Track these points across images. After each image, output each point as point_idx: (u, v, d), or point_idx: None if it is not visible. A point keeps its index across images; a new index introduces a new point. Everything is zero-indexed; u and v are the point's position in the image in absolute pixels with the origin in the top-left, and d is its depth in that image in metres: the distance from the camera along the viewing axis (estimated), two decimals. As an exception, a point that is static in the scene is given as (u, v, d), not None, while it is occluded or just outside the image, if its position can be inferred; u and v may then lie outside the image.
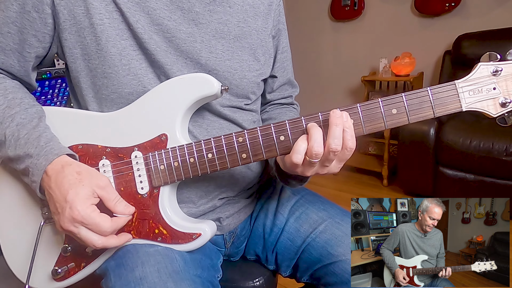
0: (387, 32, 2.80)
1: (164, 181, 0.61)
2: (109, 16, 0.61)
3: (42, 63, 0.69)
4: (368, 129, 0.56)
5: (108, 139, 0.64)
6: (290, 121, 0.57)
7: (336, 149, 0.53)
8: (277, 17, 0.78)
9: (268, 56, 0.75)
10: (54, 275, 0.63)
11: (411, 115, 0.55)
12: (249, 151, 0.58)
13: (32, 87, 0.71)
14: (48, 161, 0.57)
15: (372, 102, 0.55)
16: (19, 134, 0.60)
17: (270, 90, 0.83)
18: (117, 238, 0.58)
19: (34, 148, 0.58)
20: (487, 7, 2.35)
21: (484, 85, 0.54)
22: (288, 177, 0.67)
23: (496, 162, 1.85)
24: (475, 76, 0.55)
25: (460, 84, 0.55)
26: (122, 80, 0.62)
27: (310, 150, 0.54)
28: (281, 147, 0.58)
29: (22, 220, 0.66)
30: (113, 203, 0.58)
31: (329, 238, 0.69)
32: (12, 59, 0.64)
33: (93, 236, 0.55)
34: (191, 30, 0.64)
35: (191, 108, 0.63)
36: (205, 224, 0.63)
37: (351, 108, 0.55)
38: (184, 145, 0.60)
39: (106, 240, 0.56)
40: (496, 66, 0.54)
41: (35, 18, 0.61)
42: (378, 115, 0.55)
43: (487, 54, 0.55)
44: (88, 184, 0.56)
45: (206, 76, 0.62)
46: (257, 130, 0.58)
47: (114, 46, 0.61)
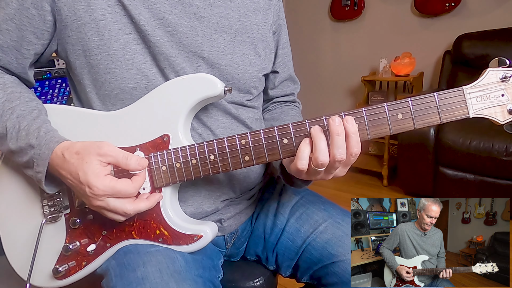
0: (387, 32, 2.80)
1: (166, 182, 0.61)
2: (111, 10, 0.60)
3: (39, 61, 0.69)
4: (373, 134, 0.55)
5: (110, 139, 0.63)
6: (294, 124, 0.56)
7: (342, 159, 0.53)
8: (277, 13, 0.78)
9: (269, 51, 0.75)
10: (55, 273, 0.63)
11: (417, 121, 0.54)
12: (251, 154, 0.58)
13: (30, 83, 0.71)
14: (50, 150, 0.57)
15: (378, 107, 0.54)
16: (19, 126, 0.60)
17: (272, 86, 0.83)
18: (147, 201, 0.59)
19: (35, 138, 0.59)
20: (487, 7, 2.35)
21: (493, 91, 0.53)
22: (293, 178, 0.67)
23: (496, 162, 1.85)
24: (483, 82, 0.53)
25: (468, 90, 0.53)
26: (126, 75, 0.62)
27: (316, 160, 0.53)
28: (284, 151, 0.57)
29: (24, 218, 0.66)
30: (124, 162, 0.57)
31: (329, 238, 0.69)
32: (10, 56, 0.64)
33: (122, 203, 0.56)
34: (192, 23, 0.64)
35: (194, 109, 0.63)
36: (206, 225, 0.63)
37: (356, 113, 0.55)
38: (187, 146, 0.60)
39: (136, 205, 0.57)
40: (505, 72, 0.52)
41: (34, 15, 0.61)
42: (383, 120, 0.55)
43: (496, 59, 0.53)
44: (90, 159, 0.56)
45: (210, 77, 0.61)
46: (260, 133, 0.57)
47: (117, 41, 0.61)
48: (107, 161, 0.57)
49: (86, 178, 0.54)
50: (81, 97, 0.70)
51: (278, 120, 0.80)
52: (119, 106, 0.64)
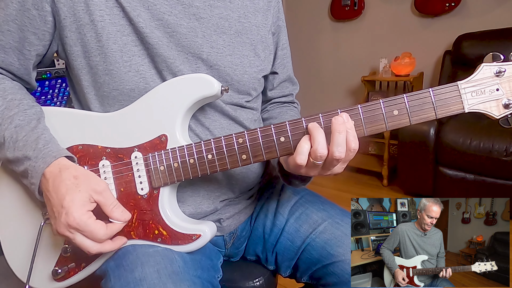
0: (387, 32, 2.80)
1: (164, 182, 0.61)
2: (110, 12, 0.60)
3: (42, 62, 0.69)
4: (369, 130, 0.55)
5: (108, 140, 0.63)
6: (291, 122, 0.57)
7: (340, 157, 0.53)
8: (276, 14, 0.78)
9: (268, 52, 0.75)
10: (54, 275, 0.63)
11: (413, 116, 0.54)
12: (249, 152, 0.58)
13: (31, 86, 0.71)
14: (46, 163, 0.57)
15: (373, 103, 0.55)
16: (17, 136, 0.60)
17: (271, 87, 0.83)
18: (112, 243, 0.58)
19: (32, 150, 0.58)
20: (487, 7, 2.35)
21: (487, 86, 0.53)
22: (291, 177, 0.67)
23: (496, 162, 1.85)
24: (478, 77, 0.54)
25: (463, 85, 0.54)
26: (124, 76, 0.62)
27: (314, 152, 0.53)
28: (281, 148, 0.57)
29: (23, 220, 0.66)
30: (110, 208, 0.57)
31: (329, 238, 0.69)
32: (12, 57, 0.64)
33: (88, 242, 0.55)
34: (192, 24, 0.64)
35: (191, 109, 0.63)
36: (205, 225, 0.63)
37: (352, 109, 0.55)
38: (184, 146, 0.60)
39: (101, 246, 0.56)
40: (499, 67, 0.53)
41: (34, 16, 0.61)
42: (379, 116, 0.55)
43: (491, 54, 0.53)
44: (85, 189, 0.56)
45: (206, 77, 0.61)
46: (257, 131, 0.58)
47: (115, 43, 0.61)
48: (97, 199, 0.57)
49: (69, 205, 0.54)
50: (80, 98, 0.70)
51: (277, 119, 0.80)
52: (117, 107, 0.64)
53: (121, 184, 0.62)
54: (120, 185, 0.62)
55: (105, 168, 0.63)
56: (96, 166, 0.63)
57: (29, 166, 0.58)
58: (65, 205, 0.54)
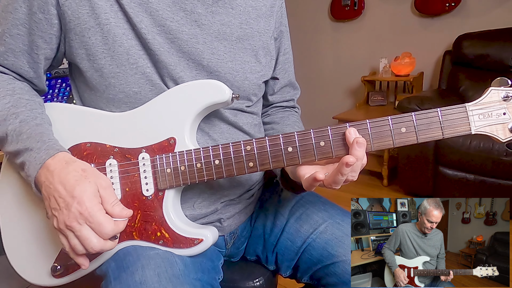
0: (387, 32, 2.80)
1: (170, 184, 0.61)
2: (115, 16, 0.61)
3: (52, 64, 0.69)
4: (376, 146, 0.56)
5: (116, 139, 0.64)
6: (299, 133, 0.57)
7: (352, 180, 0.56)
8: (279, 19, 0.78)
9: (270, 58, 0.75)
10: (53, 271, 0.63)
11: (420, 135, 0.55)
12: (256, 160, 0.59)
13: (42, 90, 0.71)
14: (49, 155, 0.57)
15: (382, 120, 0.56)
16: (21, 129, 0.59)
17: (271, 92, 0.83)
18: (112, 243, 0.57)
19: (36, 142, 0.58)
20: (487, 7, 2.35)
21: (494, 109, 0.55)
22: (293, 184, 0.67)
23: (496, 162, 1.85)
24: (485, 100, 0.55)
25: (471, 107, 0.55)
26: (130, 79, 0.62)
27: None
28: (289, 158, 0.58)
29: (25, 217, 0.66)
30: (111, 205, 0.57)
31: (329, 239, 0.69)
32: (22, 61, 0.64)
33: (93, 237, 0.54)
34: (193, 31, 0.64)
35: (201, 114, 0.64)
36: (207, 230, 0.63)
37: (360, 124, 0.56)
38: (192, 150, 0.61)
39: (104, 244, 0.55)
40: (507, 92, 0.54)
41: (41, 19, 0.61)
42: (387, 132, 0.56)
43: (498, 79, 0.55)
44: (94, 182, 0.56)
45: (218, 83, 0.62)
46: (266, 140, 0.58)
47: (121, 45, 0.61)
48: (101, 194, 0.56)
49: (81, 194, 0.53)
50: (84, 99, 0.69)
51: (279, 124, 0.80)
52: (123, 109, 0.65)
53: (127, 184, 0.63)
54: (126, 185, 0.63)
55: (112, 167, 0.63)
56: (103, 164, 0.63)
57: (29, 157, 0.58)
58: (76, 194, 0.53)
